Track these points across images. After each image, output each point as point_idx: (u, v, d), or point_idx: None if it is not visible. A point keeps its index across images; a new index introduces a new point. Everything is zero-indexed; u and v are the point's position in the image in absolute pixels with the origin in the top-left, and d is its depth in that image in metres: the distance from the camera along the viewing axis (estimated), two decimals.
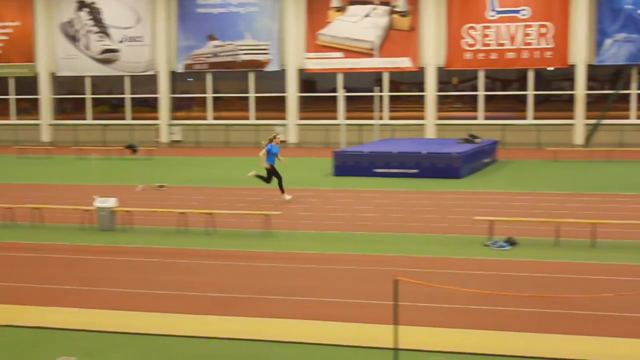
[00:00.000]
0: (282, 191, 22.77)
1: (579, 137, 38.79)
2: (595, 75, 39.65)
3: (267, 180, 23.06)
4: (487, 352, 9.92)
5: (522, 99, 40.31)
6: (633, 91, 38.82)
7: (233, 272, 14.50)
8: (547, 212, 19.97)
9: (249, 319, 11.39)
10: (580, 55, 38.36)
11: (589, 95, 39.04)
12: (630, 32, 37.74)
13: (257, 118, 43.89)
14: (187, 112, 46.04)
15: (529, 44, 38.94)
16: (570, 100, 39.29)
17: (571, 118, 39.04)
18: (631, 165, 30.92)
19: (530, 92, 39.94)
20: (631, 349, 10.01)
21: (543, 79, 40.59)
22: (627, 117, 38.83)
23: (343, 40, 41.47)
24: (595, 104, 39.21)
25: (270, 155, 22.77)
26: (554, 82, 41.29)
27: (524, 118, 40.07)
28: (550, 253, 15.68)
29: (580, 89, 38.62)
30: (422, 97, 40.94)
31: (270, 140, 22.90)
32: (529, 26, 38.86)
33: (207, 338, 10.52)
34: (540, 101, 40.31)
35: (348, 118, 38.06)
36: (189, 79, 45.66)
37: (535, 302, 11.89)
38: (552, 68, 39.73)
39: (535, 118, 39.88)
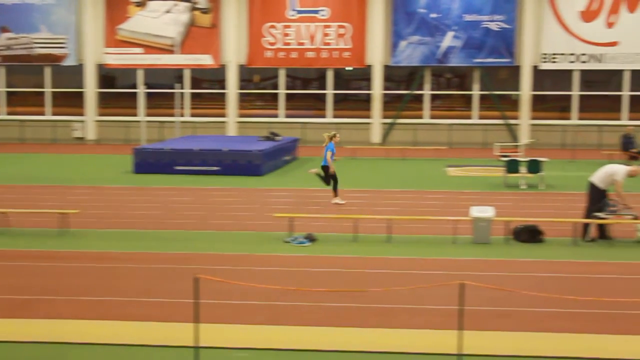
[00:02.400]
0: (335, 194, 21.94)
1: (376, 135, 39.97)
2: (391, 75, 40.98)
3: (328, 181, 22.01)
4: (289, 348, 10.03)
5: (322, 98, 41.10)
6: (426, 92, 40.41)
7: (27, 273, 13.93)
8: (346, 208, 20.45)
9: (45, 320, 11.00)
10: (377, 56, 39.52)
11: (385, 95, 40.32)
12: (423, 35, 39.26)
13: (54, 114, 42.47)
14: None
15: (328, 44, 39.75)
16: (367, 100, 40.43)
17: (369, 117, 40.17)
18: (424, 163, 32.16)
19: (330, 91, 40.79)
20: (423, 341, 10.40)
21: (342, 79, 41.56)
22: (420, 117, 40.38)
23: (143, 36, 40.82)
24: (391, 104, 40.53)
25: (331, 155, 21.89)
26: (353, 82, 42.37)
27: (324, 116, 40.87)
28: (348, 248, 16.05)
29: (377, 89, 39.81)
30: (223, 94, 40.94)
31: (331, 139, 22.15)
32: (328, 27, 39.68)
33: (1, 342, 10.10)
34: (339, 100, 41.25)
35: (149, 115, 37.48)
36: None
37: (334, 297, 12.14)
38: (350, 68, 40.72)
39: (335, 116, 40.76)
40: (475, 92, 40.14)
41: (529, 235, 16.76)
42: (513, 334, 10.70)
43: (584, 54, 38.67)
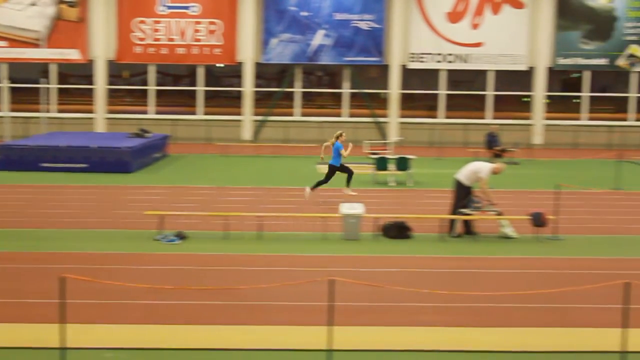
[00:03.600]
0: (348, 185, 22.39)
1: (247, 132, 39.92)
2: (263, 73, 40.99)
3: (326, 180, 22.20)
4: (159, 347, 9.94)
5: (193, 95, 40.75)
6: (297, 89, 40.62)
7: None
8: (217, 205, 20.35)
9: None
10: (248, 53, 39.46)
11: (256, 93, 40.30)
12: (294, 32, 39.42)
13: None
14: None
15: (199, 40, 39.44)
16: (238, 97, 40.32)
17: (240, 114, 40.08)
18: (296, 160, 32.32)
19: (201, 88, 40.48)
20: (293, 337, 10.47)
21: (213, 75, 41.32)
22: (291, 114, 40.56)
23: (7, 29, 39.49)
24: (262, 101, 40.55)
25: (338, 153, 22.06)
26: (224, 79, 42.18)
27: (194, 113, 40.54)
28: (219, 246, 15.99)
29: (248, 86, 39.75)
30: (91, 90, 40.09)
31: (337, 138, 22.18)
32: (199, 23, 39.36)
33: None
34: (210, 97, 40.99)
35: (13, 110, 36.35)
36: None
37: (204, 295, 12.08)
38: (221, 65, 40.52)
39: (206, 113, 40.48)
40: (346, 90, 40.59)
41: (398, 231, 17.07)
42: (383, 329, 10.89)
43: (450, 54, 39.63)
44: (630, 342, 9.48)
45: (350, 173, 22.44)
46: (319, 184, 22.17)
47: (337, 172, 22.32)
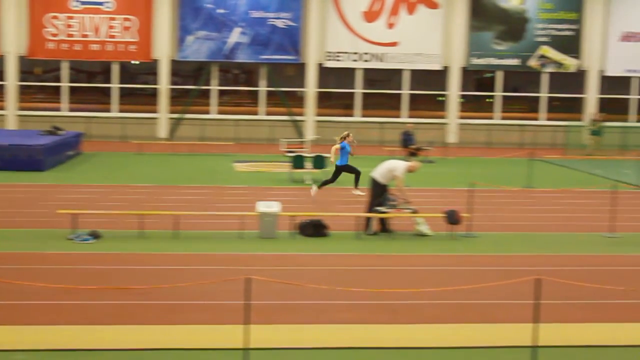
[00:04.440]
0: (356, 186, 22.29)
1: (163, 130, 39.53)
2: (179, 70, 40.64)
3: (332, 180, 22.54)
4: (72, 348, 9.78)
5: (107, 92, 40.18)
6: (213, 87, 40.39)
7: None
8: (132, 204, 20.10)
9: None
10: (163, 50, 39.08)
11: (172, 90, 39.94)
12: (210, 30, 39.18)
13: None
14: None
15: (114, 36, 38.89)
16: (154, 94, 39.90)
17: (155, 112, 39.67)
18: (212, 159, 32.13)
19: (115, 85, 39.93)
20: (210, 336, 10.42)
21: (128, 72, 40.78)
22: (207, 112, 40.31)
23: None
24: (178, 99, 40.21)
25: (344, 153, 22.37)
26: (139, 76, 41.67)
27: (109, 110, 39.98)
28: (134, 245, 15.81)
29: (164, 84, 39.37)
30: (2, 86, 39.18)
31: (343, 139, 22.53)
32: (113, 19, 38.81)
33: None
34: (125, 94, 40.45)
35: None
36: None
37: (118, 294, 11.92)
38: (137, 62, 40.04)
39: (121, 111, 39.95)
40: (262, 88, 40.53)
41: (314, 229, 17.12)
42: (299, 327, 10.91)
43: (366, 53, 39.92)
44: (541, 337, 9.68)
45: (357, 173, 22.60)
46: (325, 183, 22.50)
47: (343, 172, 22.62)
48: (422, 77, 41.04)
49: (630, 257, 16.17)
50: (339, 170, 22.53)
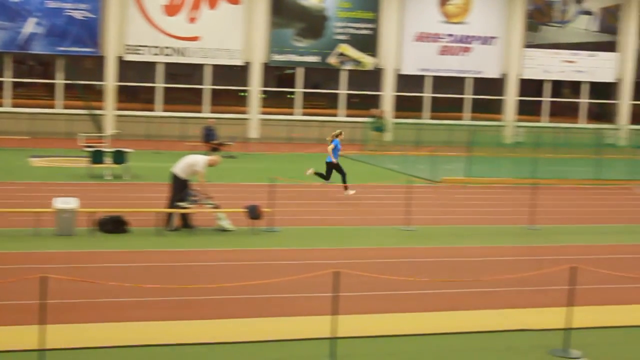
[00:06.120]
0: (346, 187, 22.52)
1: None
2: None
3: (327, 177, 22.95)
4: None
5: None
6: (7, 79, 38.75)
7: None
8: None
9: None
10: None
11: None
12: (3, 19, 37.57)
13: None
14: None
15: None
16: None
17: None
18: (6, 153, 30.77)
19: None
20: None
21: None
22: (0, 105, 38.67)
23: None
24: None
25: (335, 151, 22.72)
26: None
27: None
28: None
29: None
30: None
31: (336, 136, 23.06)
32: None
33: None
34: None
35: None
36: None
37: None
38: None
39: None
40: (59, 81, 39.29)
41: (114, 225, 16.81)
42: (96, 325, 10.69)
43: (167, 47, 39.49)
44: (340, 329, 9.91)
45: (343, 174, 22.69)
46: (321, 176, 22.91)
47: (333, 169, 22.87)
48: (224, 72, 41.10)
49: (425, 249, 16.87)
50: (331, 167, 22.88)
